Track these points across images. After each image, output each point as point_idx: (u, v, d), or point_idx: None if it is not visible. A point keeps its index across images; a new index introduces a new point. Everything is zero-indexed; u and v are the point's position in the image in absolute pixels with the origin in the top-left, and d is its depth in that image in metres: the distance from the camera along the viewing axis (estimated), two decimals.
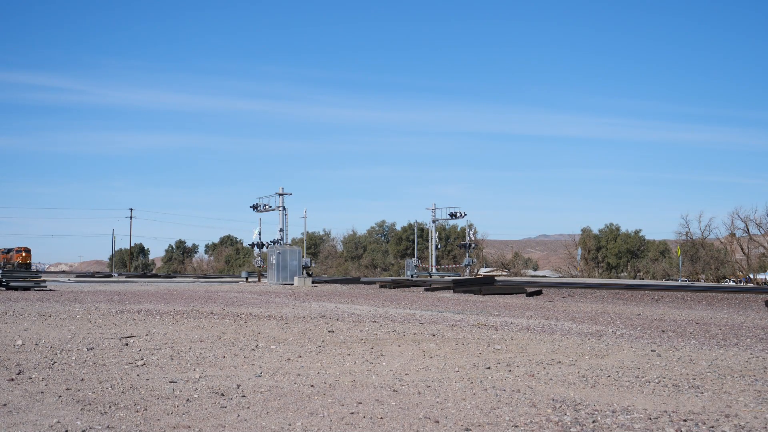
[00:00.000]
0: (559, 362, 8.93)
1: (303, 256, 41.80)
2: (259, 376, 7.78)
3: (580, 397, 6.68)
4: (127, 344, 10.36)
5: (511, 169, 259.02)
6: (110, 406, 6.17)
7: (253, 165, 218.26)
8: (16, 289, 28.24)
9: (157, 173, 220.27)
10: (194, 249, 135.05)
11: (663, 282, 53.69)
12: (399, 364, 8.75)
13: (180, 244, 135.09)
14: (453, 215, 57.11)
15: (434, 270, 56.89)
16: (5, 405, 6.20)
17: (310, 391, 6.95)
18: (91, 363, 8.55)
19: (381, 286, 33.82)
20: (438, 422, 5.71)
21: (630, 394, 6.87)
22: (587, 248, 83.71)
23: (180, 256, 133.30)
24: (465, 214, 56.95)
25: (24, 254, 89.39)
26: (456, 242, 77.28)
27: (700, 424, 5.67)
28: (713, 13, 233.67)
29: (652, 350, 10.14)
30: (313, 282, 38.14)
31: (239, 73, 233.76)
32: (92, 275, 65.39)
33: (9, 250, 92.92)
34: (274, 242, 44.45)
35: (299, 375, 7.86)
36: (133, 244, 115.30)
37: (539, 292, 26.96)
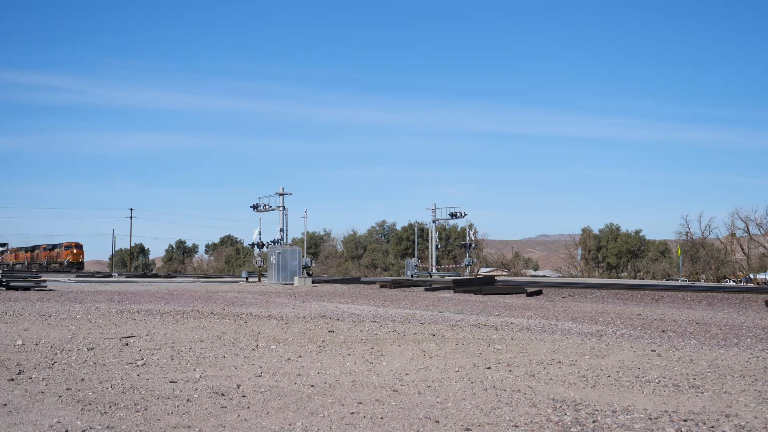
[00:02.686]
0: (560, 362, 8.93)
1: (303, 256, 41.77)
2: (260, 376, 7.78)
3: (581, 397, 6.68)
4: (127, 344, 10.36)
5: (511, 169, 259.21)
6: (110, 406, 6.17)
7: (253, 165, 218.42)
8: (16, 289, 28.22)
9: (157, 173, 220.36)
10: (194, 249, 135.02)
11: (663, 282, 53.67)
12: (399, 364, 8.75)
13: (180, 244, 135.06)
14: (453, 215, 57.03)
15: (434, 270, 56.83)
16: (5, 405, 6.20)
17: (311, 391, 6.95)
18: (91, 363, 8.55)
19: (381, 286, 33.80)
20: (438, 422, 5.71)
21: (630, 394, 6.87)
22: (587, 248, 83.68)
23: (180, 256, 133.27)
24: (465, 214, 56.87)
25: (75, 251, 77.03)
26: (456, 242, 77.24)
27: (700, 424, 5.67)
28: (713, 13, 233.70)
29: (652, 350, 10.14)
30: (313, 282, 38.11)
31: (239, 73, 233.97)
32: (92, 275, 61.65)
33: (54, 246, 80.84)
34: (274, 242, 44.40)
35: (299, 375, 7.86)
36: (133, 244, 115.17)
37: (539, 292, 26.95)
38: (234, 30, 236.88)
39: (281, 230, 44.37)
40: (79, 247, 78.66)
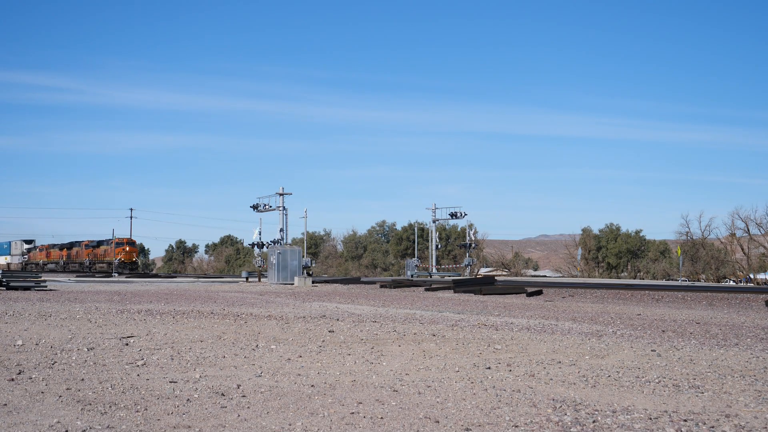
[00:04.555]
0: (560, 362, 8.93)
1: (303, 256, 41.77)
2: (260, 376, 7.78)
3: (581, 397, 6.69)
4: (127, 344, 10.36)
5: (511, 169, 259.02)
6: (110, 406, 6.17)
7: (253, 165, 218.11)
8: (16, 289, 28.23)
9: (157, 173, 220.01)
10: (194, 249, 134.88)
11: (663, 282, 53.67)
12: (399, 364, 8.75)
13: (180, 244, 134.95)
14: (453, 215, 57.04)
15: (434, 270, 56.82)
16: (5, 405, 6.21)
17: (311, 391, 6.95)
18: (91, 363, 8.56)
19: (381, 286, 33.80)
20: (438, 422, 5.71)
21: (630, 394, 6.87)
22: (587, 248, 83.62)
23: (180, 256, 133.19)
24: (465, 214, 56.89)
25: (127, 248, 64.54)
26: (456, 242, 77.21)
27: (700, 424, 5.67)
28: (713, 13, 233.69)
29: (652, 350, 10.14)
30: (313, 282, 38.11)
31: (239, 73, 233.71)
32: (92, 275, 61.32)
33: (99, 243, 68.48)
34: (274, 242, 44.42)
35: (299, 375, 7.86)
36: None
37: (539, 292, 26.95)
38: (234, 30, 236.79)
39: (281, 230, 44.38)
40: (131, 243, 66.60)
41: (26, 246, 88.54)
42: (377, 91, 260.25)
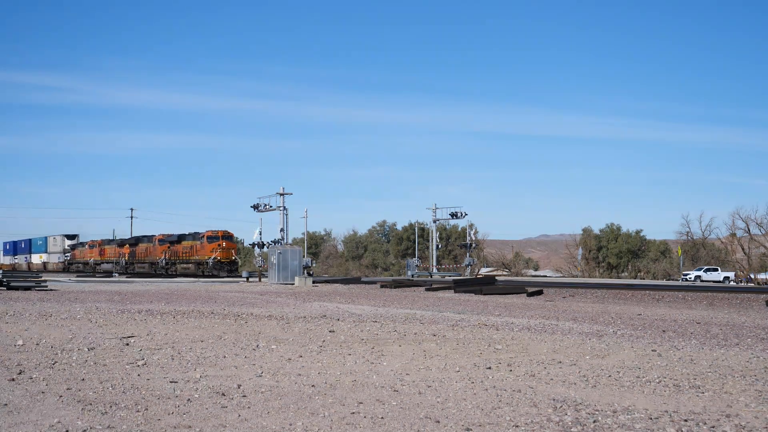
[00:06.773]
0: (560, 362, 8.93)
1: (304, 256, 41.79)
2: (260, 376, 7.78)
3: (581, 397, 6.69)
4: (127, 344, 10.37)
5: (511, 169, 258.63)
6: (111, 406, 6.17)
7: (253, 165, 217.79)
8: (16, 289, 28.24)
9: (157, 173, 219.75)
10: None
11: (664, 282, 53.67)
12: (400, 364, 8.75)
13: None
14: (454, 215, 57.13)
15: (435, 270, 56.86)
16: (6, 405, 6.21)
17: (311, 391, 6.95)
18: (91, 363, 8.56)
19: (382, 286, 33.80)
20: (439, 422, 5.71)
21: (631, 394, 6.87)
22: (588, 248, 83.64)
23: None
24: (466, 214, 56.98)
25: (224, 244, 51.10)
26: (457, 242, 77.22)
27: (701, 424, 5.67)
28: (713, 13, 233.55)
29: (652, 350, 10.14)
30: (313, 282, 38.10)
31: (239, 73, 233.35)
32: (93, 275, 59.20)
33: (181, 238, 54.68)
34: (274, 242, 44.45)
35: (300, 375, 7.86)
36: None
37: (540, 292, 26.95)
38: (234, 30, 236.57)
39: (282, 230, 44.41)
40: (228, 237, 52.44)
41: (68, 242, 73.77)
42: (377, 91, 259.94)
